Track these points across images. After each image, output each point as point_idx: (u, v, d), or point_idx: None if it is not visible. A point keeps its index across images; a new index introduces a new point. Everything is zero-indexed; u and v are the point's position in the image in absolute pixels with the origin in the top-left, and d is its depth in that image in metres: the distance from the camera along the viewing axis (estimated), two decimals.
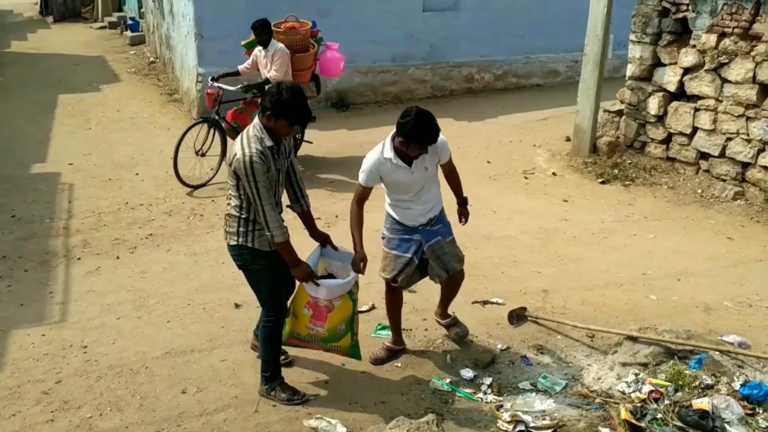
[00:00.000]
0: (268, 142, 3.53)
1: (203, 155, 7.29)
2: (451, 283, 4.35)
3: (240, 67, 7.49)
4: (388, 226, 4.16)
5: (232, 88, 7.29)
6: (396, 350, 4.39)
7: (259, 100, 7.37)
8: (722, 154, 7.02)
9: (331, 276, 4.04)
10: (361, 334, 4.53)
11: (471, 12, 10.64)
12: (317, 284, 3.79)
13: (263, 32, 7.08)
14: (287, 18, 7.57)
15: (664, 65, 7.50)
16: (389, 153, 3.89)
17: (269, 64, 7.14)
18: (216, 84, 7.31)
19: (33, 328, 4.71)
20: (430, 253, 4.13)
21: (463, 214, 4.41)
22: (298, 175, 3.92)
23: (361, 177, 3.97)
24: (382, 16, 10.08)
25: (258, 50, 7.29)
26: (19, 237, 6.12)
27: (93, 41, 15.64)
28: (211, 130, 7.30)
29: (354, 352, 4.10)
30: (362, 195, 4.01)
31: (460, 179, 4.33)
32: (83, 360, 4.35)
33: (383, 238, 4.19)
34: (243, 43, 7.64)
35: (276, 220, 3.56)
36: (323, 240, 4.02)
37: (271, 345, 3.93)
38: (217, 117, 7.30)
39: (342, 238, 4.24)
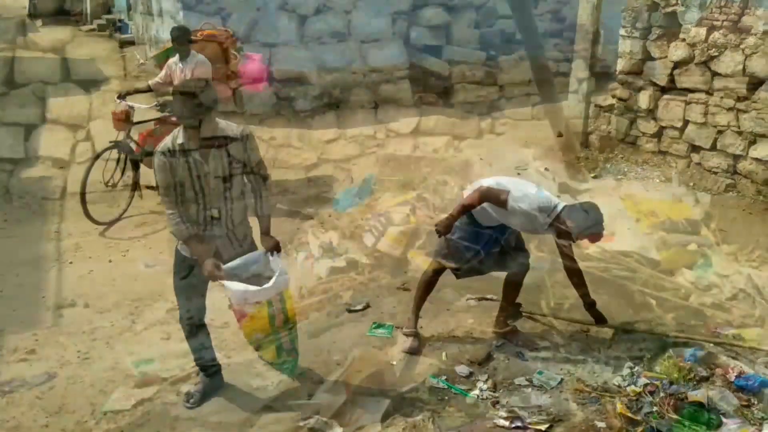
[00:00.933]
0: (180, 140, 3.52)
1: (114, 186, 6.39)
2: (519, 279, 4.39)
3: (151, 82, 6.55)
4: (463, 220, 4.20)
5: (145, 107, 6.45)
6: (419, 334, 4.44)
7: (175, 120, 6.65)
8: (713, 147, 7.04)
9: None
10: (357, 334, 4.54)
11: (462, 9, 10.62)
12: (222, 285, 3.62)
13: (186, 41, 6.17)
14: (203, 25, 6.78)
15: (655, 59, 7.52)
16: (547, 219, 3.92)
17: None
18: (125, 102, 6.31)
19: (26, 333, 4.68)
20: (510, 243, 4.27)
21: (599, 317, 4.40)
22: (259, 183, 3.72)
23: (510, 195, 3.92)
24: (373, 14, 10.05)
25: (174, 62, 6.31)
26: (10, 242, 6.08)
27: (82, 44, 15.53)
28: (122, 156, 6.37)
29: (283, 368, 3.85)
30: (492, 199, 4.01)
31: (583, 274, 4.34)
32: (77, 364, 4.32)
33: None
34: (153, 54, 6.71)
35: (171, 217, 3.60)
36: (271, 246, 3.78)
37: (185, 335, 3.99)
38: (128, 141, 6.38)
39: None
